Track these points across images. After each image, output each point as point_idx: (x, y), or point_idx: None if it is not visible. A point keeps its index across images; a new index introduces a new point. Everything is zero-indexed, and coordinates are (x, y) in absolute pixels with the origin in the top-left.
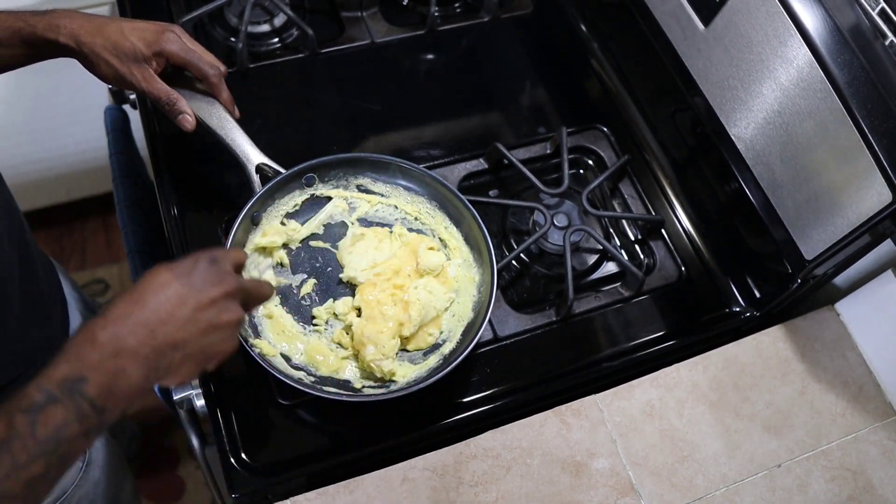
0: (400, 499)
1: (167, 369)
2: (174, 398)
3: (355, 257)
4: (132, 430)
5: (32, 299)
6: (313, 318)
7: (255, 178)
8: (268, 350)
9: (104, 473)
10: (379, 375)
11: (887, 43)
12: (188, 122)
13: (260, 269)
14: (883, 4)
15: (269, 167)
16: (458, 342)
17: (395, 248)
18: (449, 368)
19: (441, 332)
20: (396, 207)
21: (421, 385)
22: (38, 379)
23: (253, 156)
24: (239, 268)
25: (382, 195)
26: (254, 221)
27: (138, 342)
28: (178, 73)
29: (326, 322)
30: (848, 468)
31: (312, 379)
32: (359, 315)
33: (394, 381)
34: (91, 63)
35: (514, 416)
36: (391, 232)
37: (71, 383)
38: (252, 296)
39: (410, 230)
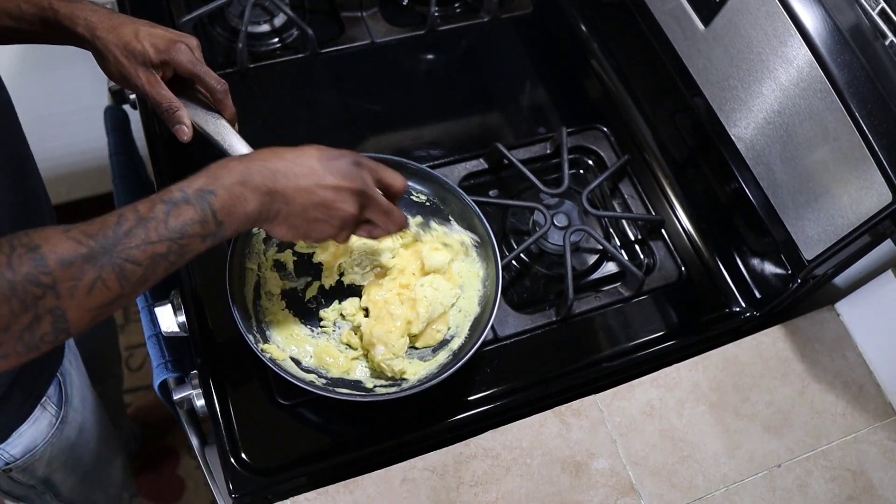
0: (400, 499)
1: (274, 216)
2: (174, 398)
3: (354, 259)
4: (132, 430)
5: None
6: (321, 320)
7: None
8: (277, 354)
9: (84, 440)
10: (390, 375)
11: (887, 43)
12: (184, 133)
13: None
14: (883, 4)
15: None
16: (466, 337)
17: (396, 248)
18: (460, 363)
19: (449, 328)
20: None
21: (433, 382)
22: (181, 182)
23: None
24: (383, 186)
25: None
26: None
27: (261, 180)
28: (183, 83)
29: (334, 323)
30: (848, 468)
31: (324, 381)
32: (366, 315)
33: (405, 380)
34: (101, 57)
35: (514, 416)
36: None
37: (203, 192)
38: (374, 204)
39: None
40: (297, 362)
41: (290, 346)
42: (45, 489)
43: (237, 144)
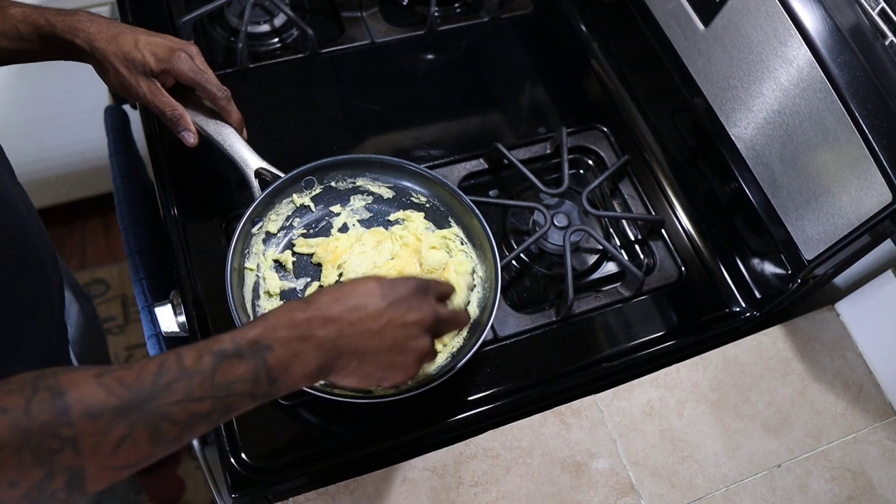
0: (400, 499)
1: (339, 370)
2: None
3: (354, 260)
4: None
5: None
6: None
7: (255, 182)
8: None
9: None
10: None
11: (887, 43)
12: (190, 138)
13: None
14: (883, 4)
15: (268, 171)
16: (465, 339)
17: (395, 248)
18: (459, 364)
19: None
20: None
21: (432, 384)
22: (235, 331)
23: (251, 161)
24: (443, 298)
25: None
26: (255, 226)
27: (325, 335)
28: (185, 89)
29: None
30: (848, 468)
31: (323, 382)
32: None
33: None
34: (102, 69)
35: (514, 416)
36: (391, 232)
37: (258, 346)
38: (446, 326)
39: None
40: None
41: None
42: None
43: (243, 150)
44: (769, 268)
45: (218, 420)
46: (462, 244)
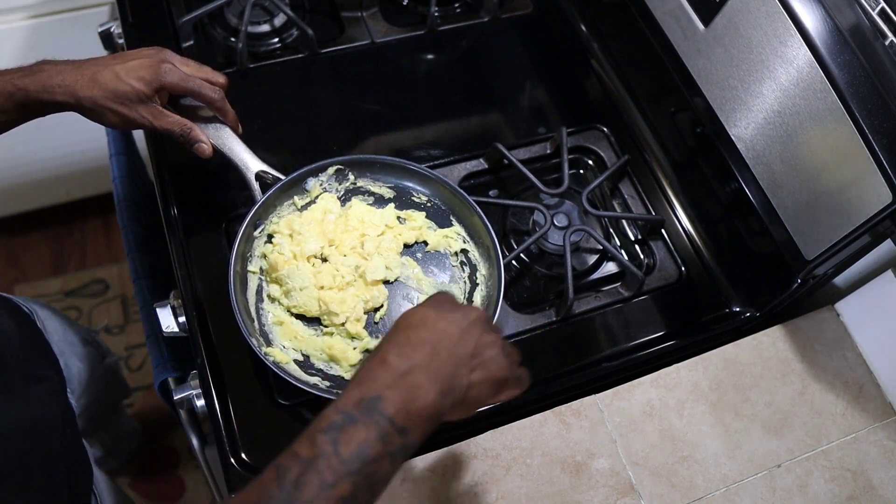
0: (400, 499)
1: (461, 387)
2: (174, 398)
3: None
4: (132, 429)
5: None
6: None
7: (255, 185)
8: (281, 357)
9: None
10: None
11: (887, 43)
12: (205, 150)
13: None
14: (883, 4)
15: (269, 174)
16: None
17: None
18: None
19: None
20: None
21: None
22: (333, 404)
23: (252, 164)
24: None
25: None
26: (256, 229)
27: (425, 357)
28: (173, 97)
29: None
30: (848, 468)
31: (328, 384)
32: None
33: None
34: (96, 115)
35: (514, 416)
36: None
37: (368, 402)
38: (508, 375)
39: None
40: (306, 361)
41: (298, 347)
42: None
43: (243, 153)
44: (769, 268)
45: (368, 499)
46: (464, 242)
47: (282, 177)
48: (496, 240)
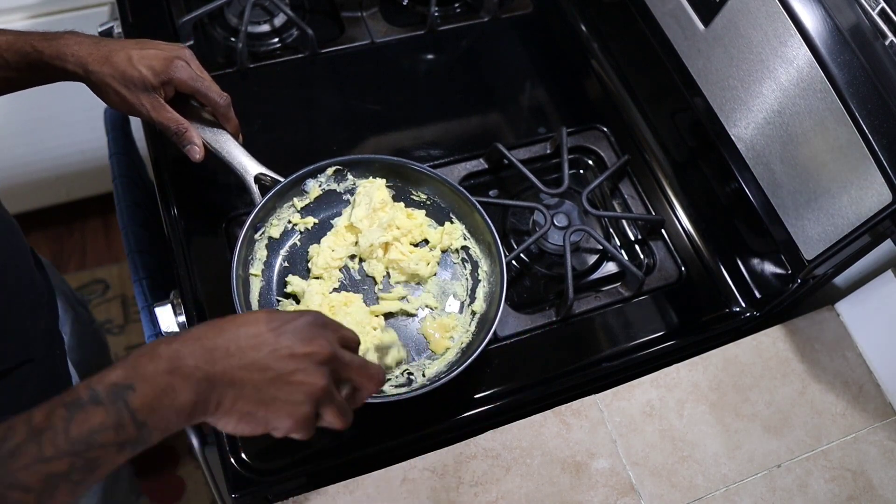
0: (400, 499)
1: (216, 406)
2: None
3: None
4: None
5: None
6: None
7: (255, 188)
8: None
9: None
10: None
11: (887, 43)
12: (196, 153)
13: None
14: (883, 4)
15: (268, 176)
16: (473, 334)
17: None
18: (470, 360)
19: (455, 327)
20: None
21: (444, 379)
22: (95, 376)
23: (250, 167)
24: (346, 344)
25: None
26: (257, 232)
27: (195, 364)
28: (182, 96)
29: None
30: (848, 468)
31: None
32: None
33: (413, 379)
34: (100, 91)
35: (514, 416)
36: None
37: (118, 388)
38: (349, 370)
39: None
40: None
41: None
42: None
43: (241, 157)
44: (769, 268)
45: (85, 479)
46: (465, 239)
47: (280, 179)
48: (497, 236)
